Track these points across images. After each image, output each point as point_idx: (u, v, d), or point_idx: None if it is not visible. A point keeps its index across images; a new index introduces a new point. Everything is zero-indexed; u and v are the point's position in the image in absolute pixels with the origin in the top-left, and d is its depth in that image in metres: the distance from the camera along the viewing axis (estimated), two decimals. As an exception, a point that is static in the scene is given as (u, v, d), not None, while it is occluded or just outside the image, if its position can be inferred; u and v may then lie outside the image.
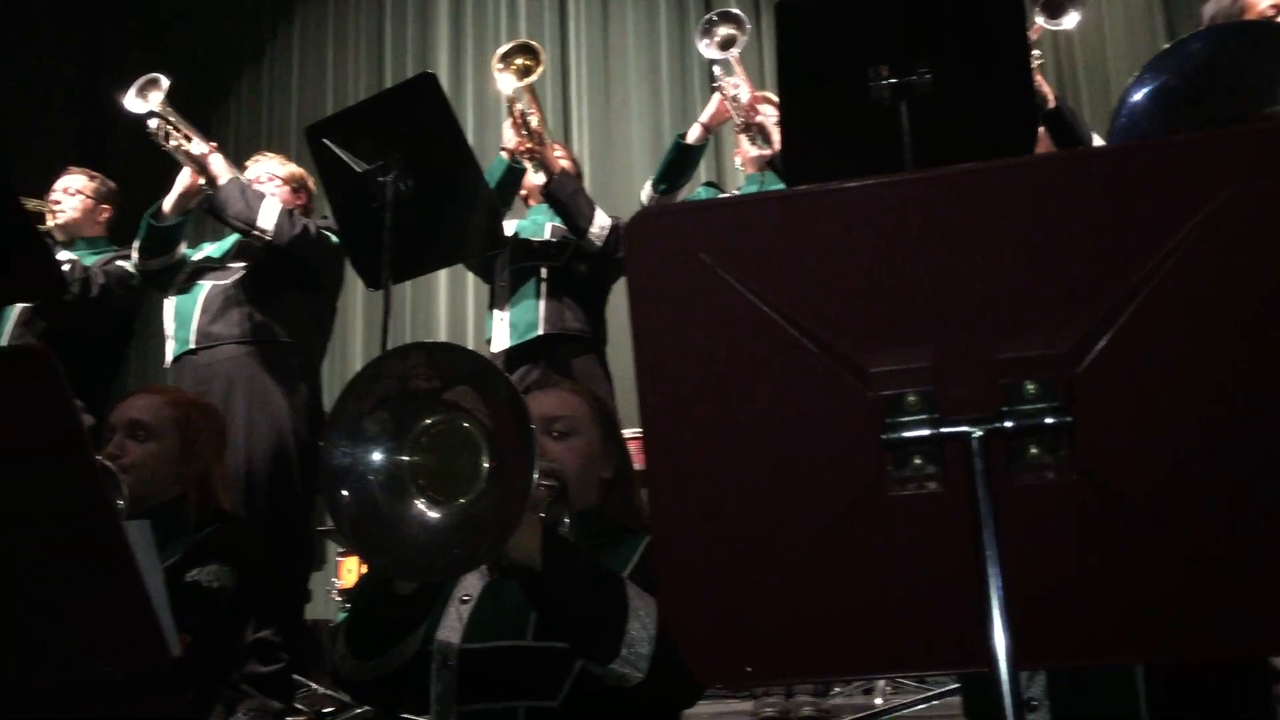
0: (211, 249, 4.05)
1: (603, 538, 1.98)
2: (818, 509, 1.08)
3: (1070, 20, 3.59)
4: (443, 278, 7.00)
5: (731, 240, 1.03)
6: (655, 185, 4.05)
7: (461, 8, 7.61)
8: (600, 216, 4.02)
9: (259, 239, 3.76)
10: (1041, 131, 3.26)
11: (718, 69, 3.91)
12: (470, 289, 6.93)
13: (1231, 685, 1.53)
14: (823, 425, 1.06)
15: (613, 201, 5.06)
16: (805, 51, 2.42)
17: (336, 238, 3.77)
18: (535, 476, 1.52)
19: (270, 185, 3.99)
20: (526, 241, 4.18)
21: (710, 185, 4.63)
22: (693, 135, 4.01)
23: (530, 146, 3.98)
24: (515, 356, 4.05)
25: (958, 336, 1.02)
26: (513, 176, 4.03)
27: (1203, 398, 1.00)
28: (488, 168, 3.76)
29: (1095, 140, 3.44)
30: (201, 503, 2.40)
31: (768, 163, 3.90)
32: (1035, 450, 1.02)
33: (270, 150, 4.44)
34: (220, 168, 3.79)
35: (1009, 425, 1.01)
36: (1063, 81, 6.28)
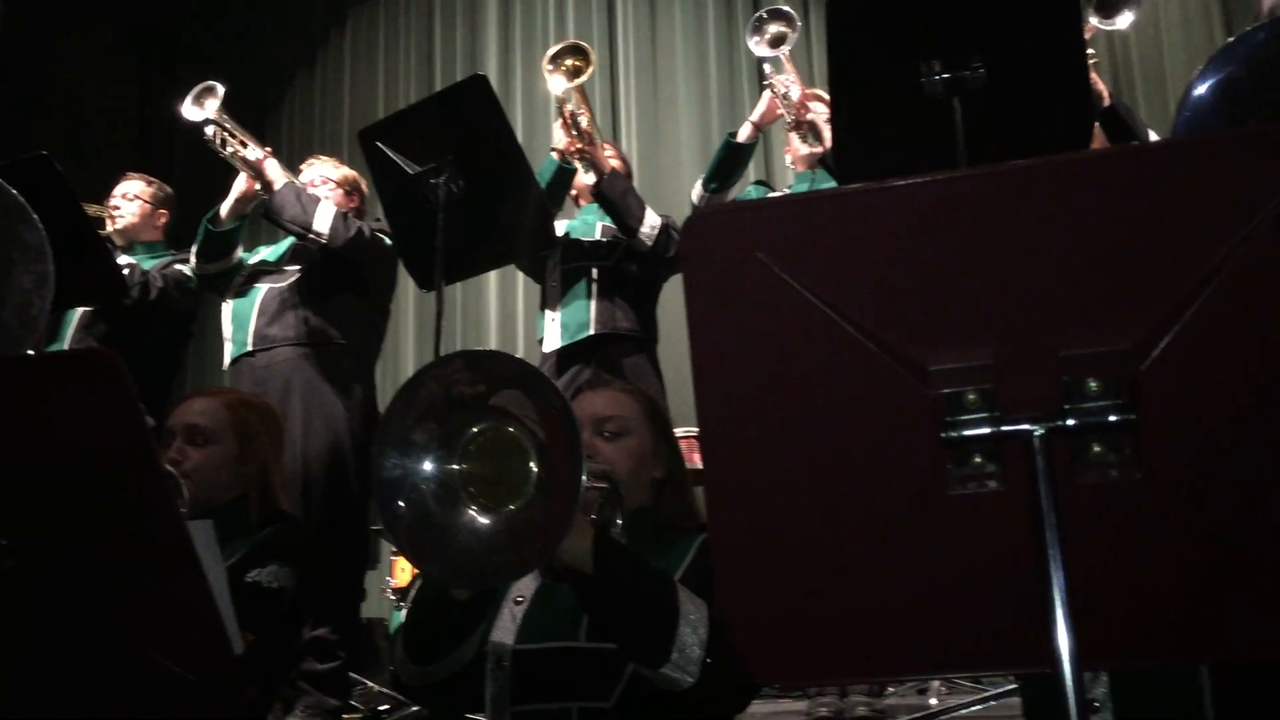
0: (267, 252, 4.11)
1: (655, 538, 1.98)
2: (876, 508, 1.07)
3: (1124, 20, 3.53)
4: (493, 278, 7.03)
5: (788, 239, 1.03)
6: (705, 184, 4.05)
7: (510, 9, 7.64)
8: (651, 216, 4.03)
9: (314, 243, 3.80)
10: (1096, 130, 3.21)
11: (768, 67, 3.89)
12: (520, 289, 6.96)
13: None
14: (881, 424, 1.05)
15: (661, 200, 5.05)
16: (856, 47, 2.40)
17: (389, 240, 3.81)
18: (584, 480, 1.52)
19: (324, 188, 4.04)
20: (577, 241, 4.19)
21: (761, 184, 4.61)
22: (743, 134, 4.00)
23: (580, 147, 3.99)
24: (567, 356, 4.06)
25: (1018, 333, 1.01)
26: (563, 177, 4.05)
27: (1270, 395, 0.98)
28: (538, 168, 3.77)
29: (1152, 139, 3.38)
30: (261, 503, 2.43)
31: (819, 160, 3.88)
32: (1098, 449, 1.01)
33: (323, 154, 4.49)
34: (275, 172, 3.85)
35: (1071, 423, 0.99)
36: (1118, 80, 6.18)
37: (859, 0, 2.36)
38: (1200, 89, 1.65)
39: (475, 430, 1.64)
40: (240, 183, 3.91)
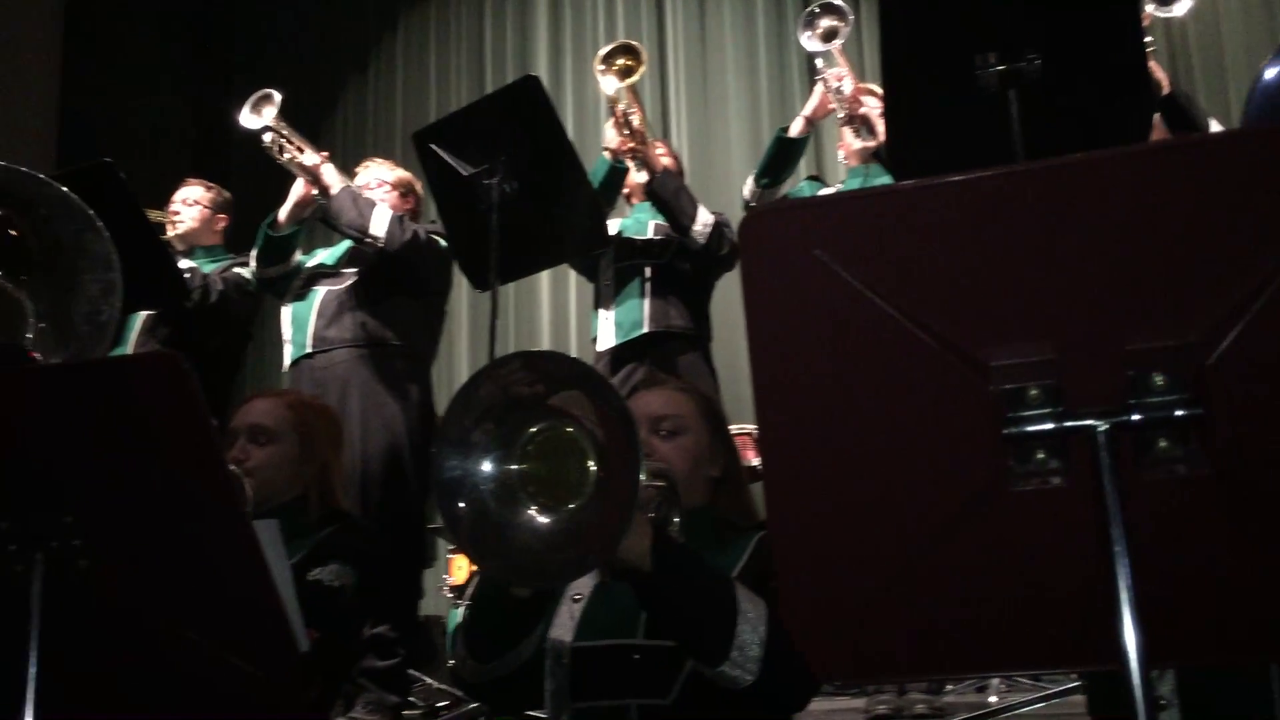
0: (325, 255, 4.16)
1: (712, 537, 1.98)
2: (937, 505, 1.07)
3: (1181, 7, 3.46)
4: (545, 278, 7.05)
5: (846, 236, 1.03)
6: (758, 180, 4.04)
7: (560, 10, 7.67)
8: (703, 214, 4.02)
9: (371, 246, 3.84)
10: (1156, 119, 3.15)
11: (820, 61, 3.88)
12: (572, 288, 6.97)
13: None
14: (941, 420, 1.04)
15: (712, 198, 5.04)
16: (910, 40, 2.39)
17: (444, 241, 3.84)
18: (642, 479, 1.52)
19: (379, 191, 4.08)
20: (630, 240, 4.20)
21: (813, 179, 4.59)
22: (795, 129, 3.99)
23: (633, 145, 4.00)
24: (621, 355, 4.07)
25: (1081, 328, 1.00)
26: (616, 176, 4.06)
27: (1342, 387, 0.97)
28: (591, 168, 3.78)
29: (1213, 127, 3.32)
30: (321, 502, 2.46)
31: (872, 155, 3.86)
32: (1164, 444, 0.99)
33: (378, 156, 4.53)
34: (332, 177, 3.90)
35: (1137, 418, 0.98)
36: (1176, 68, 6.07)
37: (912, -7, 2.35)
38: (1269, 74, 1.62)
39: (534, 430, 1.65)
40: (298, 188, 3.97)
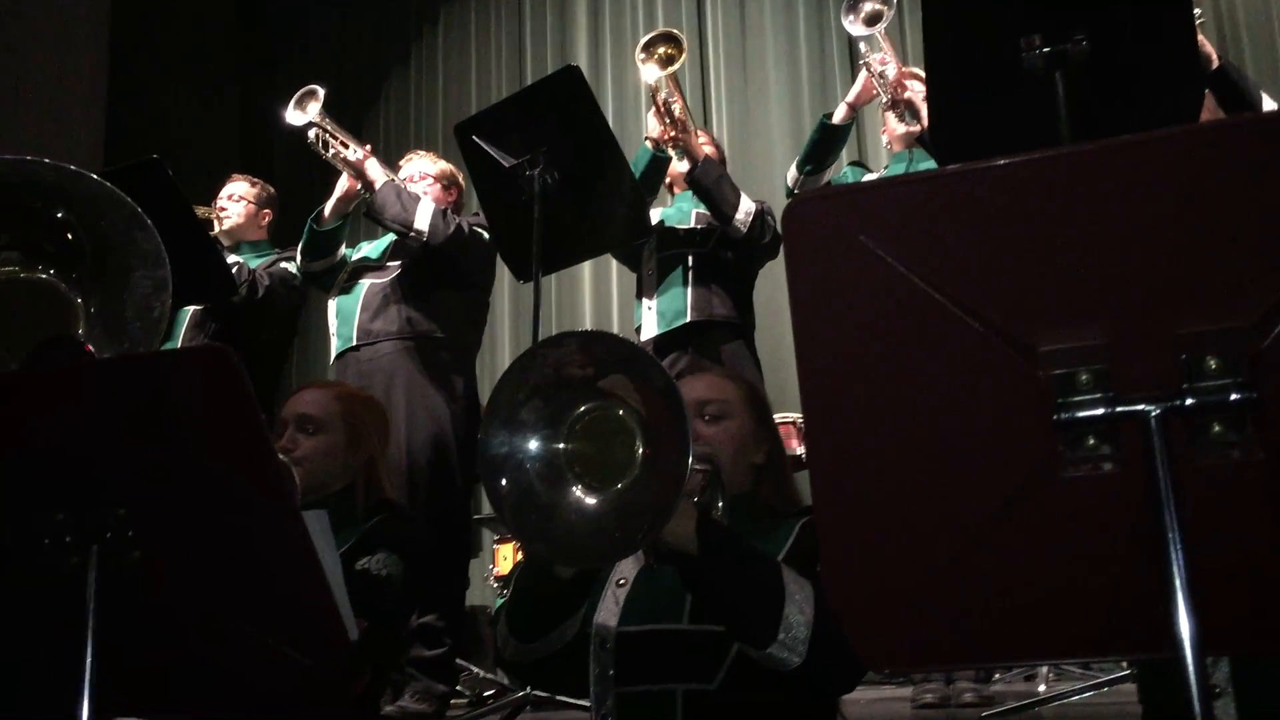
0: (369, 249, 4.19)
1: (756, 522, 1.98)
2: (986, 491, 1.06)
3: None
4: (587, 268, 7.06)
5: (892, 221, 1.02)
6: (800, 166, 4.01)
7: (599, 0, 7.68)
8: (745, 202, 4.01)
9: (415, 240, 3.87)
10: (1206, 95, 3.10)
11: (864, 45, 3.85)
12: (614, 278, 6.98)
13: None
14: (990, 406, 1.04)
15: (754, 186, 5.02)
16: (954, 22, 2.36)
17: (487, 234, 3.86)
18: (690, 462, 1.52)
19: (423, 184, 4.11)
20: (672, 229, 4.20)
21: (857, 165, 4.56)
22: (839, 115, 3.96)
23: (674, 134, 3.99)
24: (664, 344, 4.07)
25: (1132, 312, 0.99)
26: (657, 165, 4.05)
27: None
28: (633, 157, 3.78)
29: (1266, 101, 3.25)
30: (368, 492, 2.49)
31: (916, 139, 3.83)
32: (1218, 429, 0.98)
33: (420, 148, 4.56)
34: (376, 172, 3.93)
35: (1190, 403, 0.97)
36: (1224, 40, 5.96)
37: (956, -26, 2.32)
38: None
39: (582, 410, 1.66)
40: (343, 183, 4.02)
